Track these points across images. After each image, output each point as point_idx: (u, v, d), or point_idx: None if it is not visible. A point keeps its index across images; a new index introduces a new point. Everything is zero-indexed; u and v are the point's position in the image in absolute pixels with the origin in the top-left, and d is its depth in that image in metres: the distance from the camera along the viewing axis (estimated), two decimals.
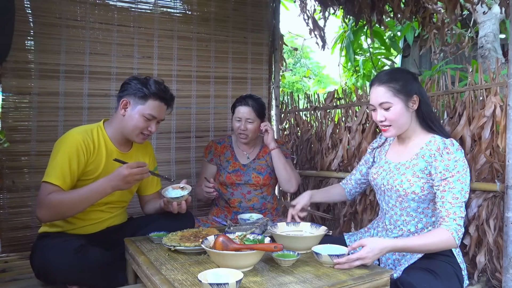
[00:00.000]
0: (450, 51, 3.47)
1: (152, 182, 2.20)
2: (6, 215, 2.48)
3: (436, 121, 1.75)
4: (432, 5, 2.77)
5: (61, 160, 1.80)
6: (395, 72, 1.73)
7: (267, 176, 2.52)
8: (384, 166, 1.82)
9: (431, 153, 1.65)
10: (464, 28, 4.47)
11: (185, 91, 3.06)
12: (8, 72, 2.46)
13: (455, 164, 1.59)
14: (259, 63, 3.35)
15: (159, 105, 1.95)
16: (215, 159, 2.56)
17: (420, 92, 1.71)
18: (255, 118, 2.45)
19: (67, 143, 1.84)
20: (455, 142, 1.64)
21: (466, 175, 1.60)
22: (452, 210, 1.55)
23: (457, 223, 1.53)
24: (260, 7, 3.32)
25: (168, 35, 2.96)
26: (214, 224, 2.46)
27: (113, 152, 1.98)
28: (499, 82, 2.01)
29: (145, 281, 1.54)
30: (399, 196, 1.70)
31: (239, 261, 1.40)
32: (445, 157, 1.60)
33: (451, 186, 1.57)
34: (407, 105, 1.69)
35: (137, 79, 1.97)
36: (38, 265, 1.79)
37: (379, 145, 1.98)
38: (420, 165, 1.67)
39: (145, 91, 1.91)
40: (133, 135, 1.96)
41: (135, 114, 1.92)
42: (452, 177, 1.58)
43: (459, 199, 1.56)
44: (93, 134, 1.93)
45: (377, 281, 1.39)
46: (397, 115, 1.68)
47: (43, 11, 2.54)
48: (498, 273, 1.97)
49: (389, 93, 1.68)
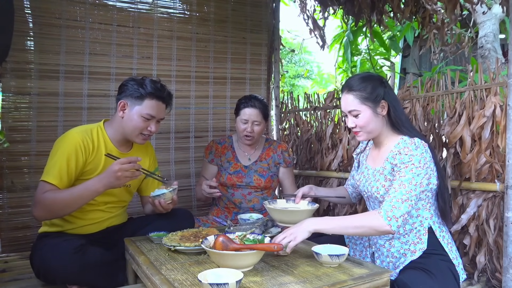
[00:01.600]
0: (450, 51, 3.48)
1: (153, 183, 2.19)
2: (6, 215, 2.48)
3: (405, 122, 1.74)
4: (432, 5, 2.77)
5: (59, 159, 1.80)
6: (363, 79, 1.73)
7: (268, 179, 2.51)
8: (365, 172, 1.85)
9: (393, 154, 1.66)
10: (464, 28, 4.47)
11: (184, 92, 3.06)
12: (8, 72, 2.46)
13: (410, 157, 1.58)
14: (258, 64, 3.35)
15: (157, 104, 1.94)
16: (216, 159, 2.55)
17: (388, 97, 1.71)
18: (262, 120, 2.45)
19: (66, 142, 1.84)
20: (417, 141, 1.63)
21: (420, 168, 1.57)
22: (393, 194, 1.54)
23: (392, 204, 1.52)
24: (259, 8, 3.32)
25: (167, 36, 2.97)
26: (215, 224, 2.46)
27: (113, 152, 1.97)
28: (499, 82, 2.01)
29: (145, 281, 1.53)
30: (380, 202, 1.70)
31: (239, 261, 1.39)
32: (403, 153, 1.61)
33: (401, 175, 1.58)
34: (375, 111, 1.70)
35: (133, 80, 1.97)
36: (38, 264, 1.79)
37: (361, 150, 2.00)
38: (387, 168, 1.68)
39: (141, 91, 1.91)
40: (133, 136, 1.96)
41: (133, 115, 1.92)
42: (405, 168, 1.58)
43: (406, 186, 1.54)
44: (92, 134, 1.93)
45: (377, 281, 1.39)
46: (366, 122, 1.70)
47: (43, 11, 2.55)
48: (498, 273, 1.97)
49: (357, 100, 1.70)
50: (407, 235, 1.69)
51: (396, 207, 1.52)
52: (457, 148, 2.14)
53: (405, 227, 1.69)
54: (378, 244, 1.75)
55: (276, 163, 2.56)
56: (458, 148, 2.14)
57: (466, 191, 2.12)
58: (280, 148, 2.59)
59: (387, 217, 1.51)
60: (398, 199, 1.53)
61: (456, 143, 2.14)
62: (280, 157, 2.56)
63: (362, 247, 1.85)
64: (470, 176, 2.07)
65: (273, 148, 2.59)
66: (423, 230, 1.68)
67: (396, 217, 1.51)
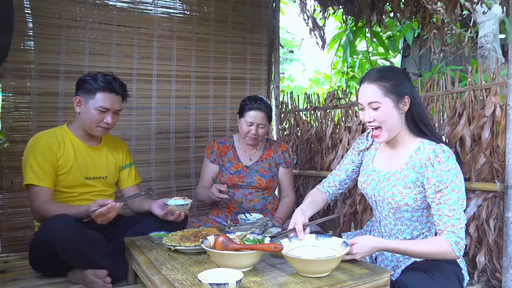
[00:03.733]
0: (450, 51, 3.47)
1: (130, 176, 2.26)
2: (6, 215, 2.49)
3: (429, 125, 1.63)
4: (432, 5, 2.77)
5: (34, 163, 1.91)
6: (387, 70, 1.63)
7: (269, 179, 2.51)
8: (373, 175, 1.73)
9: (421, 163, 1.55)
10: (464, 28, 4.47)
11: (184, 91, 3.06)
12: (8, 72, 2.46)
13: (448, 174, 1.50)
14: (258, 64, 3.35)
15: (109, 96, 1.99)
16: (217, 159, 2.54)
17: (412, 93, 1.59)
18: (267, 122, 2.45)
19: (34, 146, 1.96)
20: (445, 148, 1.53)
21: (461, 183, 1.51)
22: (450, 223, 1.48)
23: (457, 235, 1.47)
24: (259, 8, 3.32)
25: (168, 36, 2.97)
26: (215, 224, 2.45)
27: (80, 146, 2.07)
28: (499, 82, 2.01)
29: (145, 281, 1.54)
30: (392, 208, 1.64)
31: (239, 261, 1.39)
32: (437, 167, 1.50)
33: (446, 198, 1.49)
34: (398, 106, 1.57)
35: (87, 75, 2.04)
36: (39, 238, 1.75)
37: (366, 147, 1.84)
38: (411, 176, 1.58)
39: (93, 85, 1.98)
40: (91, 128, 2.02)
41: (88, 109, 1.98)
42: (446, 188, 1.49)
43: (456, 210, 1.48)
44: (56, 134, 2.04)
45: (377, 281, 1.39)
46: (386, 116, 1.57)
47: (43, 11, 2.55)
48: (498, 273, 1.97)
49: (380, 92, 1.56)
50: (413, 240, 1.66)
51: (462, 237, 1.48)
52: (457, 148, 2.14)
53: (412, 233, 1.66)
54: None
55: (277, 163, 2.56)
56: (458, 148, 2.14)
57: (466, 191, 2.11)
58: (280, 149, 2.59)
59: (458, 249, 1.47)
60: (459, 228, 1.48)
61: (456, 143, 2.14)
62: (281, 158, 2.56)
63: None
64: (470, 176, 2.07)
65: (274, 149, 2.59)
66: (430, 236, 1.67)
67: (463, 247, 1.49)
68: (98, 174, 2.11)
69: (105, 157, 2.16)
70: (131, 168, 2.28)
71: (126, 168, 2.26)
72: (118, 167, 2.22)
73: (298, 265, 1.38)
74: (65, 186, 2.01)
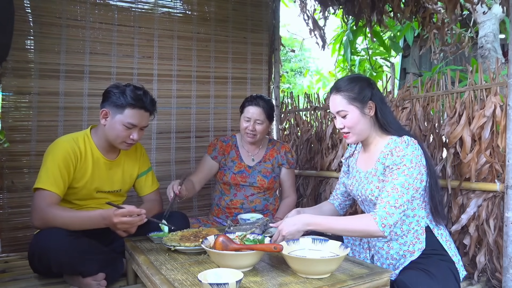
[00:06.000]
0: (450, 51, 3.48)
1: (146, 182, 2.21)
2: (6, 215, 2.48)
3: (392, 123, 1.74)
4: (432, 5, 2.77)
5: (52, 167, 1.84)
6: (351, 80, 1.74)
7: (271, 180, 2.51)
8: (356, 176, 1.84)
9: (385, 155, 1.65)
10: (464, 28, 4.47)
11: (185, 91, 3.06)
12: (8, 72, 2.46)
13: (403, 158, 1.58)
14: (259, 63, 3.35)
15: (138, 113, 1.92)
16: (219, 157, 2.53)
17: (375, 98, 1.72)
18: (265, 119, 2.44)
19: (56, 150, 1.88)
20: (407, 139, 1.63)
21: (413, 169, 1.57)
22: (387, 199, 1.55)
23: (386, 211, 1.53)
24: (259, 7, 3.32)
25: (168, 35, 2.97)
26: (215, 224, 2.45)
27: (100, 159, 2.00)
28: (499, 82, 2.01)
29: (145, 281, 1.54)
30: (375, 205, 1.68)
31: (239, 261, 1.39)
32: (395, 154, 1.60)
33: (393, 177, 1.58)
34: (363, 111, 1.70)
35: (116, 87, 1.94)
36: (34, 248, 1.77)
37: (350, 154, 1.98)
38: (379, 170, 1.68)
39: (122, 101, 1.89)
40: (116, 143, 1.97)
41: (115, 124, 1.91)
42: (397, 170, 1.58)
43: (398, 190, 1.55)
44: (79, 142, 1.96)
45: (377, 281, 1.39)
46: (353, 122, 1.71)
47: (43, 10, 2.55)
48: (498, 273, 1.97)
49: (344, 101, 1.71)
50: (405, 236, 1.69)
51: (390, 214, 1.53)
52: (457, 148, 2.14)
53: (402, 227, 1.69)
54: (377, 246, 1.75)
55: (279, 164, 2.56)
56: (458, 148, 2.14)
57: (466, 191, 2.12)
58: (283, 149, 2.58)
59: (381, 224, 1.52)
60: (392, 205, 1.54)
61: (456, 143, 2.14)
62: (284, 158, 2.56)
63: (361, 249, 1.85)
64: (470, 176, 2.07)
65: (277, 149, 2.59)
66: (421, 229, 1.69)
67: (390, 224, 1.53)
68: (112, 188, 2.07)
69: (121, 171, 2.10)
70: (148, 175, 2.21)
71: (143, 175, 2.20)
72: (134, 177, 2.17)
73: (299, 265, 1.38)
74: (75, 199, 1.98)
